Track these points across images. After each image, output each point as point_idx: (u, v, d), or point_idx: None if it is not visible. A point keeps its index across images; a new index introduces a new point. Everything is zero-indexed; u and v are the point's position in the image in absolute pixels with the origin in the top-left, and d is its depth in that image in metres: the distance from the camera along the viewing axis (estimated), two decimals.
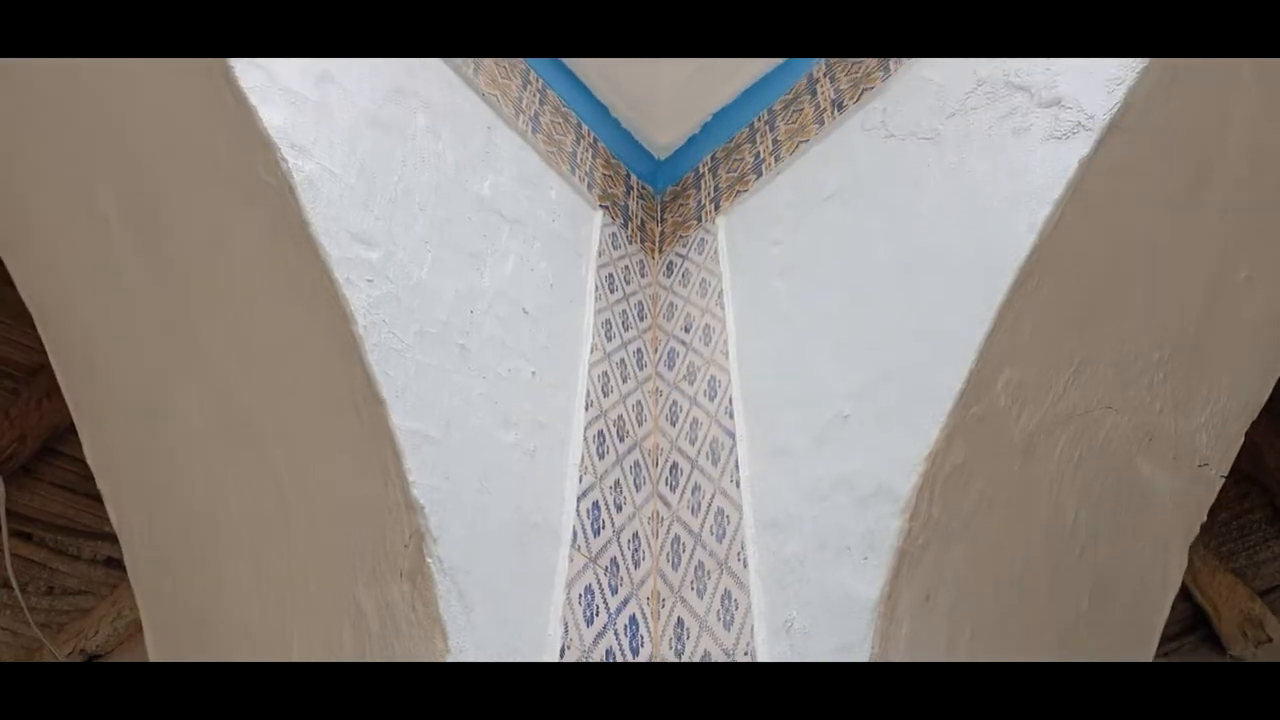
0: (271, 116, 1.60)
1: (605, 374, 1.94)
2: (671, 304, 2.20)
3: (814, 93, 2.32)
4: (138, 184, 1.71)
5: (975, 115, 1.88)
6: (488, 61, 2.22)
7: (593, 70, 2.55)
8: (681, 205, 2.45)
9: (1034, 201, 1.66)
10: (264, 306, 1.61)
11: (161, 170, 1.69)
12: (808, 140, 2.22)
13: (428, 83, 1.99)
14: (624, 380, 1.97)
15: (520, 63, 2.35)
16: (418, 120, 1.90)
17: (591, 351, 1.94)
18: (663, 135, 2.61)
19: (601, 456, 1.78)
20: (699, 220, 2.34)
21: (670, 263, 2.31)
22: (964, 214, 1.76)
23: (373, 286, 1.57)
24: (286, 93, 1.65)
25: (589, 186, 2.30)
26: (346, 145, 1.70)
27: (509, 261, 1.91)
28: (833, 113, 2.21)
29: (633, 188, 2.48)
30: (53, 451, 2.86)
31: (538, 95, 2.34)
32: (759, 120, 2.43)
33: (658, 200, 2.52)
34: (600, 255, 2.16)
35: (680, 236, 2.35)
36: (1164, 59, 1.68)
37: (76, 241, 1.79)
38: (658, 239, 2.40)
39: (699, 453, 1.83)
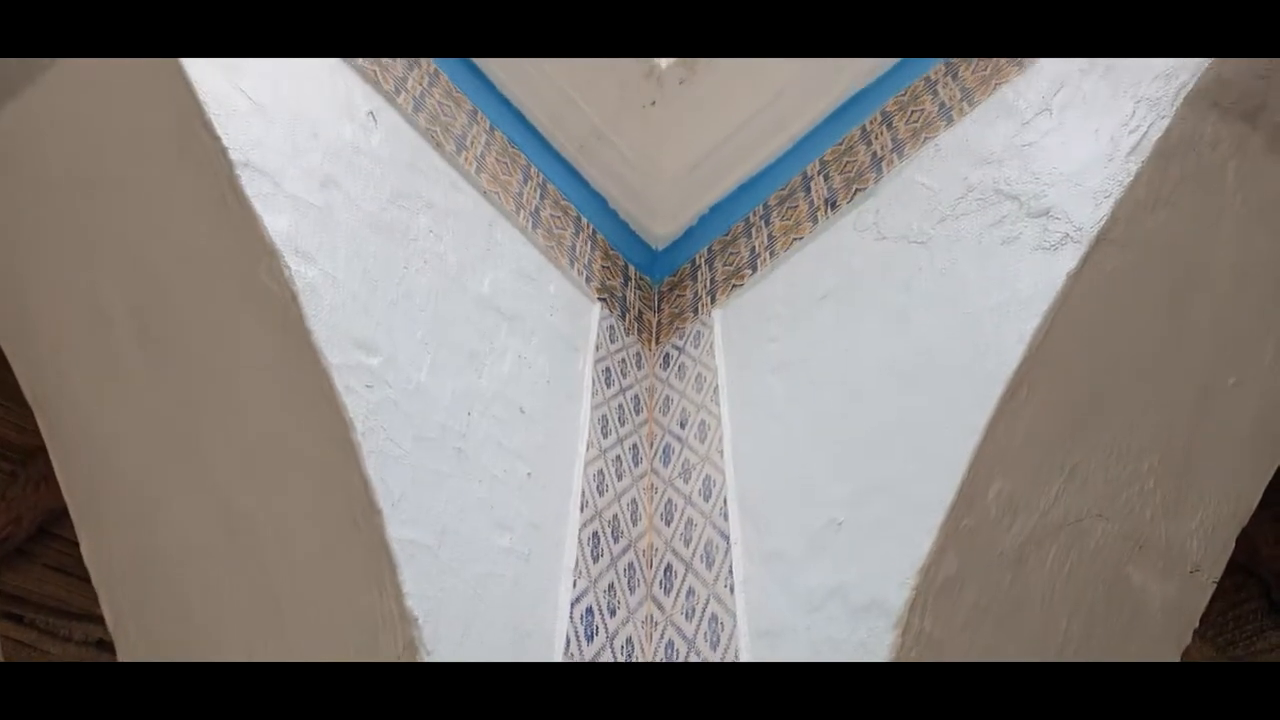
0: (276, 223, 1.63)
1: (601, 471, 1.95)
2: (668, 398, 2.23)
3: (808, 189, 2.37)
4: (142, 284, 1.74)
5: (965, 221, 1.92)
6: (490, 159, 2.26)
7: (592, 163, 2.59)
8: (679, 296, 2.48)
9: (1023, 312, 1.69)
10: (264, 411, 1.63)
11: (166, 271, 1.72)
12: (802, 238, 2.25)
13: (431, 183, 2.03)
14: (619, 478, 1.99)
15: (521, 157, 2.40)
16: (420, 222, 1.94)
17: (588, 449, 1.96)
18: (661, 227, 2.65)
19: (596, 559, 1.78)
20: (696, 312, 2.37)
21: (667, 354, 2.34)
22: (955, 321, 1.79)
23: (372, 392, 1.60)
24: (291, 199, 1.68)
25: (587, 279, 2.33)
26: (349, 250, 1.74)
27: (507, 360, 1.93)
28: (826, 211, 2.25)
29: (631, 278, 2.51)
30: (48, 534, 2.86)
31: (538, 190, 2.38)
32: (754, 215, 2.47)
33: (655, 291, 2.56)
34: (598, 349, 2.19)
35: (677, 328, 2.38)
36: (1149, 176, 1.73)
37: (78, 337, 1.81)
38: (655, 330, 2.43)
39: (693, 554, 1.84)
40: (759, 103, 2.58)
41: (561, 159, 2.54)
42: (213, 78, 1.69)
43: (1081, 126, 1.86)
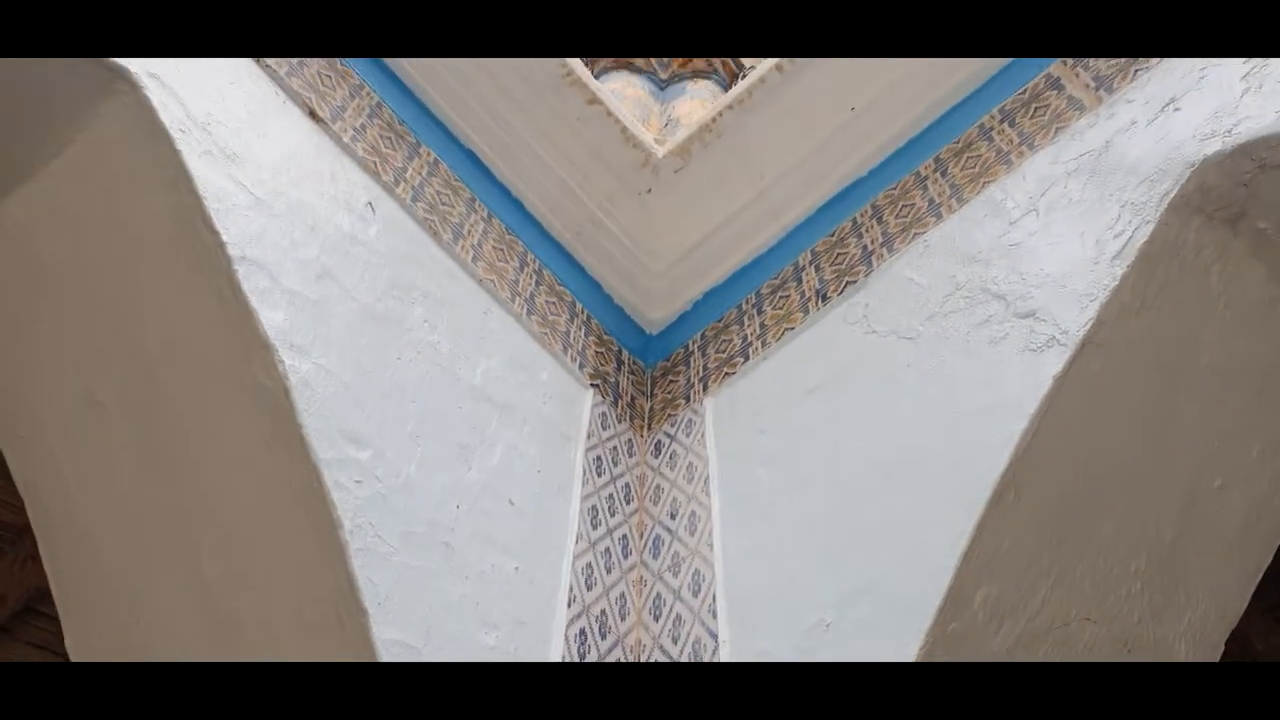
0: (271, 317, 1.65)
1: (589, 565, 1.95)
2: (659, 486, 2.23)
3: (800, 279, 2.39)
4: (135, 373, 1.75)
5: (954, 319, 1.95)
6: (487, 246, 2.30)
7: (588, 249, 2.63)
8: (671, 382, 2.49)
9: (1010, 415, 1.71)
10: (254, 505, 1.63)
11: (160, 362, 1.73)
12: (793, 328, 2.28)
13: (427, 273, 2.06)
14: (608, 571, 1.98)
15: (518, 244, 2.43)
16: (415, 312, 1.96)
17: (576, 541, 1.95)
18: (655, 312, 2.67)
19: (582, 657, 1.78)
20: (688, 400, 2.39)
21: (659, 442, 2.35)
22: (942, 420, 1.81)
23: (361, 488, 1.60)
24: (287, 293, 1.71)
25: (581, 365, 2.35)
26: (343, 342, 1.75)
27: (497, 450, 1.94)
28: (817, 302, 2.27)
29: (624, 363, 2.53)
30: (34, 611, 2.84)
31: (534, 276, 2.41)
32: (747, 302, 2.49)
33: (648, 375, 2.57)
34: (589, 437, 2.20)
35: (669, 415, 2.39)
36: (1134, 280, 1.75)
37: (71, 425, 1.82)
38: (647, 416, 2.44)
39: (681, 652, 1.83)
40: (752, 192, 2.62)
41: (558, 245, 2.57)
42: (213, 171, 1.73)
43: (1068, 229, 1.89)
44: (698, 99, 3.83)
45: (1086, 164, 1.97)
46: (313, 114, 2.05)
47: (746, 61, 4.34)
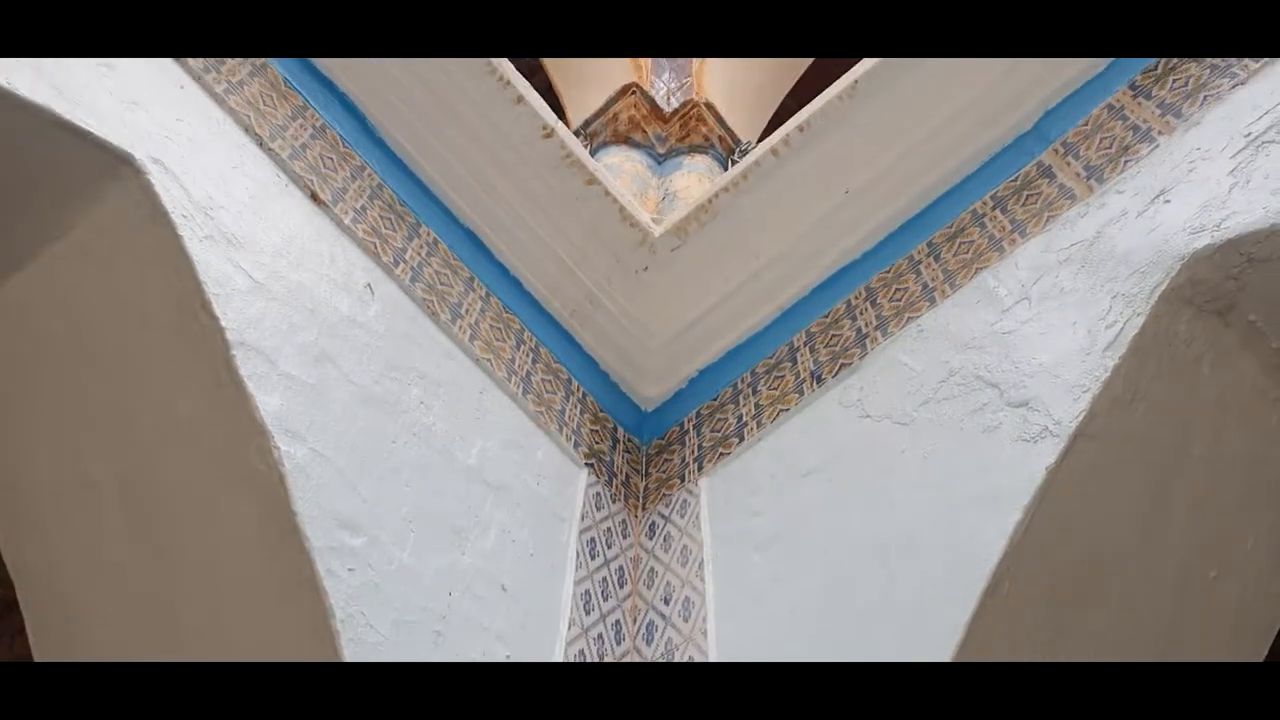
0: (268, 403, 1.66)
1: (582, 651, 1.93)
2: (653, 569, 2.22)
3: (795, 360, 2.41)
4: (131, 455, 1.76)
5: (948, 406, 1.96)
6: (484, 325, 2.31)
7: (585, 327, 2.64)
8: (666, 460, 2.50)
9: (1004, 505, 1.71)
10: (246, 590, 1.63)
11: (155, 445, 1.74)
12: (789, 409, 2.28)
13: (424, 353, 2.07)
14: (601, 658, 1.97)
15: (515, 323, 2.45)
16: (412, 393, 1.97)
17: (569, 627, 1.94)
18: (650, 389, 2.68)
19: None
20: (682, 480, 2.39)
21: (653, 523, 2.34)
22: (938, 509, 1.81)
23: (354, 575, 1.60)
24: (285, 377, 1.72)
25: (575, 444, 2.35)
26: (340, 427, 1.76)
27: (491, 534, 1.94)
28: (812, 384, 2.28)
29: (619, 440, 2.53)
30: None
31: (531, 355, 2.42)
32: (742, 381, 2.50)
33: (643, 453, 2.57)
34: (583, 519, 2.20)
35: (664, 494, 2.39)
36: (1126, 372, 1.77)
37: (64, 506, 1.82)
38: (642, 495, 2.44)
39: None
40: (748, 272, 2.64)
41: (555, 323, 2.59)
42: (213, 255, 1.75)
43: (1060, 318, 1.91)
44: (694, 173, 3.88)
45: (1078, 253, 1.99)
46: (314, 196, 2.07)
47: (743, 137, 4.42)
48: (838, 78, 2.64)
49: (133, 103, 1.81)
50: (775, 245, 2.62)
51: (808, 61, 4.92)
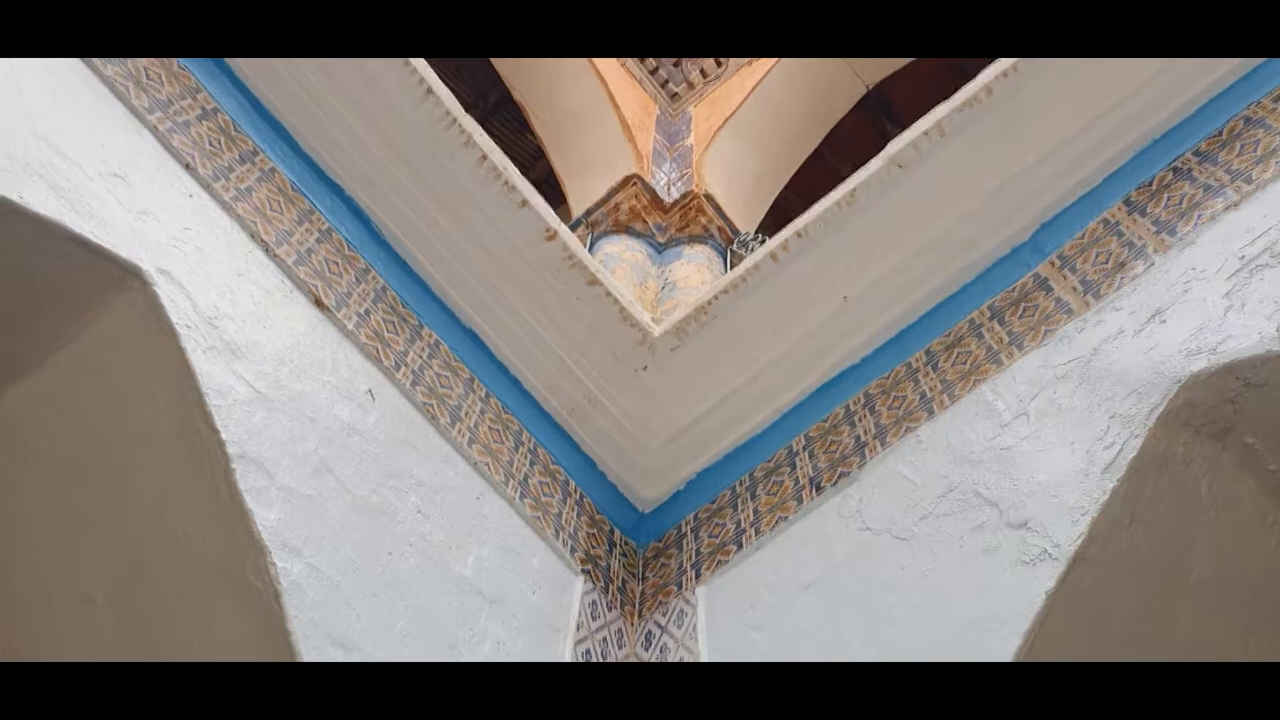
0: (266, 517, 1.65)
1: None
2: None
3: (793, 465, 2.41)
4: (126, 567, 1.75)
5: (947, 522, 1.95)
6: (483, 428, 2.31)
7: (584, 426, 2.65)
8: (664, 565, 2.48)
9: (1004, 630, 1.70)
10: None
11: (152, 557, 1.73)
12: (787, 517, 2.28)
13: (423, 459, 2.07)
14: None
15: (514, 423, 2.45)
16: (409, 501, 1.96)
17: None
18: (648, 490, 2.67)
19: None
20: (679, 587, 2.37)
21: (649, 633, 2.32)
22: (937, 630, 1.80)
23: None
24: (284, 490, 1.72)
25: (572, 549, 2.34)
26: (337, 539, 1.75)
27: (485, 647, 1.91)
28: (811, 492, 2.28)
29: (616, 544, 2.52)
30: None
31: (529, 456, 2.42)
32: (740, 485, 2.50)
33: (640, 557, 2.56)
34: (579, 629, 2.17)
35: (661, 602, 2.37)
36: (1124, 494, 1.77)
37: (57, 616, 1.80)
38: (638, 601, 2.42)
39: None
40: (747, 374, 2.66)
41: (554, 423, 2.59)
42: (216, 366, 1.76)
43: (1058, 437, 1.92)
44: (693, 263, 3.92)
45: (1076, 370, 2.01)
46: (318, 302, 2.09)
47: (742, 227, 4.47)
48: (834, 169, 2.69)
49: (142, 213, 1.84)
50: (774, 348, 2.64)
51: (807, 152, 5.01)
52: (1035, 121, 2.49)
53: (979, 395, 2.15)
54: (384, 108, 2.52)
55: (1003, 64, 2.50)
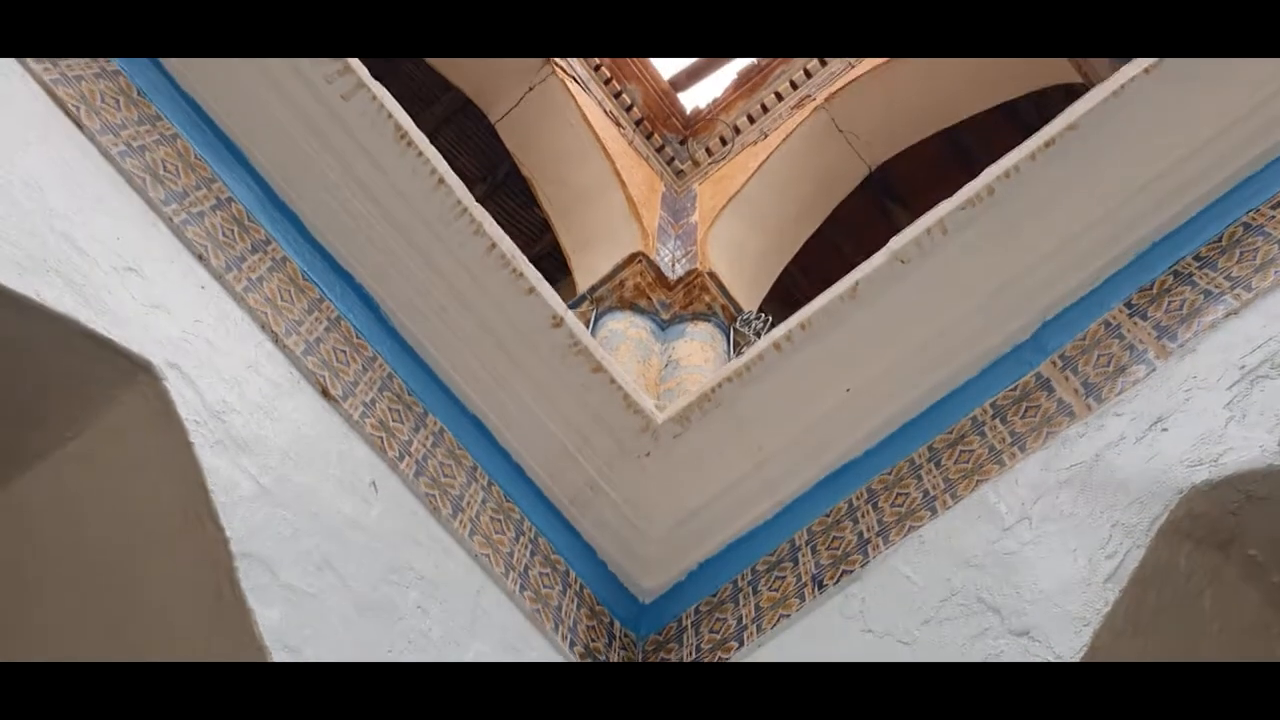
0: (268, 616, 1.65)
1: None
2: None
3: (796, 561, 2.40)
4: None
5: (949, 627, 1.94)
6: (485, 518, 2.32)
7: (585, 514, 2.65)
8: (664, 660, 2.46)
9: None
10: None
11: (151, 656, 1.71)
12: (789, 615, 2.27)
13: (424, 553, 2.07)
14: None
15: (515, 511, 2.46)
16: (410, 597, 1.96)
17: None
18: (649, 580, 2.66)
19: None
20: None
21: None
22: None
23: None
24: (285, 588, 1.71)
25: (571, 644, 2.32)
26: (337, 637, 1.75)
27: None
28: (813, 590, 2.27)
29: (615, 636, 2.50)
30: None
31: (529, 546, 2.41)
32: (742, 579, 2.49)
33: (639, 649, 2.54)
34: None
35: None
36: (1126, 605, 1.76)
37: None
38: None
39: None
40: (749, 464, 2.66)
41: (556, 511, 2.59)
42: (222, 460, 1.77)
43: (1060, 544, 1.92)
44: (697, 341, 3.95)
45: (1078, 475, 2.01)
46: (325, 392, 2.11)
47: (746, 304, 4.51)
48: (837, 246, 2.71)
49: (155, 306, 1.86)
50: (777, 438, 2.65)
51: (810, 230, 5.06)
52: (1036, 221, 2.52)
53: (982, 496, 2.15)
54: (396, 196, 2.56)
55: (1004, 164, 2.55)
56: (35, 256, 1.69)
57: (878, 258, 2.62)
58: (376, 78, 2.56)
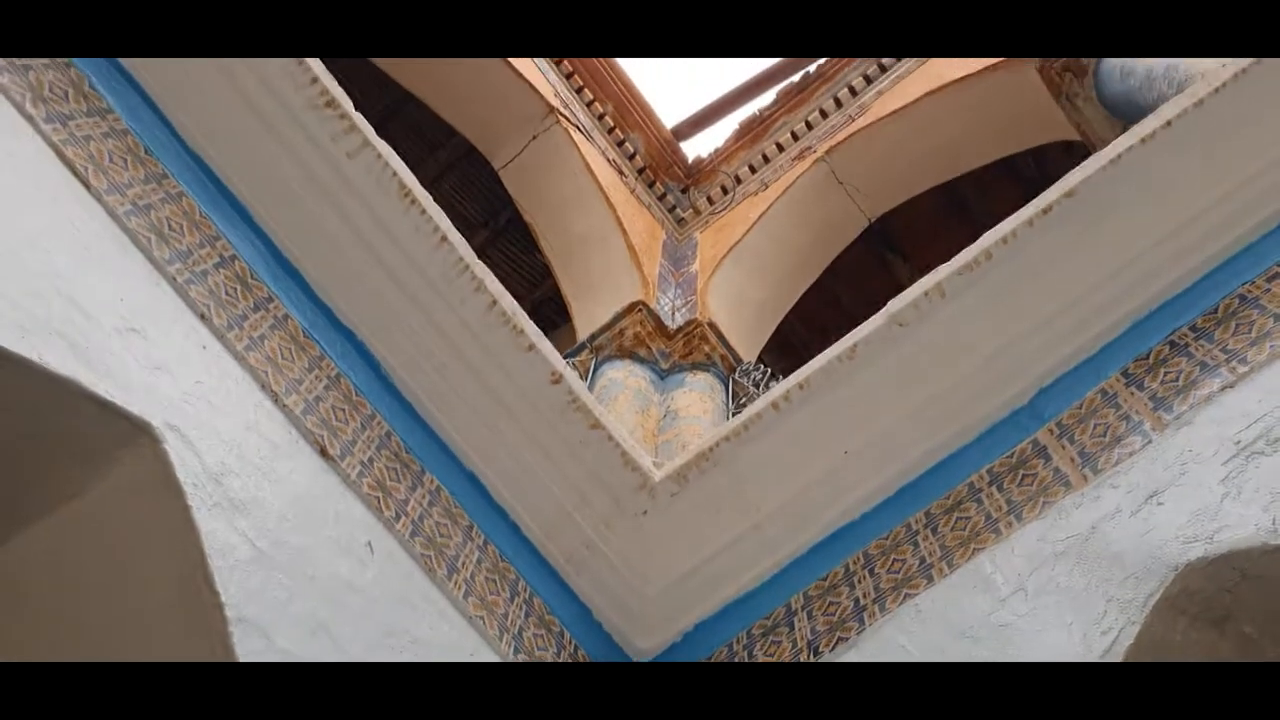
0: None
1: None
2: None
3: (791, 625, 2.40)
4: None
5: None
6: (479, 578, 2.31)
7: (581, 573, 2.64)
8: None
9: None
10: None
11: None
12: None
13: (419, 616, 2.07)
14: None
15: (510, 571, 2.45)
16: (403, 660, 1.95)
17: None
18: (644, 640, 2.65)
19: None
20: None
21: None
22: None
23: None
24: (281, 654, 1.71)
25: None
26: None
27: None
28: (809, 657, 2.27)
29: None
30: None
31: (524, 607, 2.41)
32: (737, 642, 2.48)
33: None
34: None
35: None
36: None
37: None
38: None
39: None
40: (746, 524, 2.66)
41: (551, 571, 2.59)
42: (220, 523, 1.77)
43: (1056, 617, 1.92)
44: (696, 391, 3.95)
45: (1073, 548, 2.02)
46: (323, 451, 2.11)
47: (745, 354, 4.52)
48: (836, 297, 2.72)
49: (156, 368, 1.87)
50: (774, 499, 2.65)
51: (810, 281, 5.09)
52: (1034, 286, 2.54)
53: (978, 566, 2.15)
54: (398, 253, 2.58)
55: (1002, 229, 2.57)
56: (38, 318, 1.71)
57: (876, 319, 2.63)
58: (382, 122, 2.60)
